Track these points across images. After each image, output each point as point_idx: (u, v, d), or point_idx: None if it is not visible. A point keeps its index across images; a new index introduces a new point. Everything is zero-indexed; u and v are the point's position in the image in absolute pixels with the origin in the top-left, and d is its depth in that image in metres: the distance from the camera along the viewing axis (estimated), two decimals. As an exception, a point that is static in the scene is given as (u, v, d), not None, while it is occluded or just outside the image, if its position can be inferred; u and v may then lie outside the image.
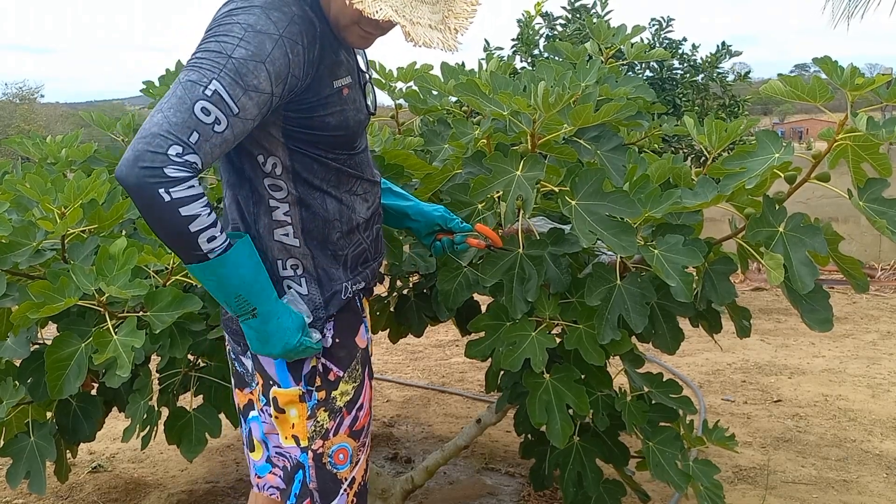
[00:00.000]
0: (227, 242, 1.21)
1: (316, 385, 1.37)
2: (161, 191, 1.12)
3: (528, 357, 1.73)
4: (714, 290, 1.76)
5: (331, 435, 1.39)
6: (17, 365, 1.84)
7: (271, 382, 1.38)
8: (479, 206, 1.79)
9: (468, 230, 1.69)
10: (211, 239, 1.18)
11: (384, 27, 1.32)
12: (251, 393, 1.47)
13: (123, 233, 2.00)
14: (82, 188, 1.72)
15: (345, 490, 1.41)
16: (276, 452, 1.44)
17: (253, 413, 1.49)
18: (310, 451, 1.39)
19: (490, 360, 1.86)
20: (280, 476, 1.45)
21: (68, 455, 2.08)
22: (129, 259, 1.62)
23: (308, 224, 1.34)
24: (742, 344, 4.52)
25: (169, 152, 1.12)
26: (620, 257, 1.76)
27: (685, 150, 5.86)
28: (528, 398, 1.81)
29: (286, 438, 1.41)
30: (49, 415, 1.92)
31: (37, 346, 1.88)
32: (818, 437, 3.20)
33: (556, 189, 1.74)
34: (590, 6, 6.31)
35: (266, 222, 1.34)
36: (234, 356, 1.48)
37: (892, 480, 2.78)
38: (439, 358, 4.58)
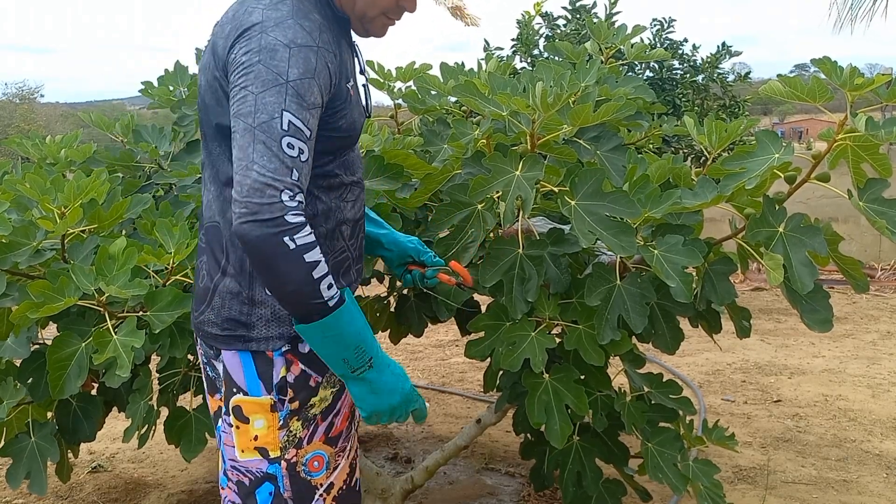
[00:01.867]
0: (339, 290, 1.21)
1: (289, 396, 1.30)
2: (286, 238, 1.13)
3: (528, 357, 1.73)
4: (714, 291, 1.76)
5: (304, 444, 1.33)
6: (18, 365, 1.84)
7: (235, 390, 1.31)
8: (479, 206, 1.79)
9: (440, 265, 1.65)
10: (330, 286, 1.18)
11: (409, 12, 1.37)
12: (221, 399, 1.39)
13: (123, 232, 2.00)
14: (82, 188, 1.72)
15: (320, 496, 1.35)
16: (232, 466, 1.37)
17: (220, 422, 1.42)
18: (282, 461, 1.32)
19: (489, 359, 1.86)
20: (235, 491, 1.37)
21: (69, 455, 2.08)
22: (129, 259, 1.62)
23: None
24: (742, 344, 4.52)
25: (283, 199, 1.13)
26: (620, 257, 1.76)
27: (685, 151, 5.86)
28: (528, 398, 1.81)
29: (244, 451, 1.33)
30: (49, 415, 1.92)
31: (37, 346, 1.88)
32: (818, 437, 3.20)
33: (556, 189, 1.74)
34: (589, 6, 6.31)
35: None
36: (205, 360, 1.42)
37: (892, 480, 2.78)
38: (439, 358, 4.58)
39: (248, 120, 1.15)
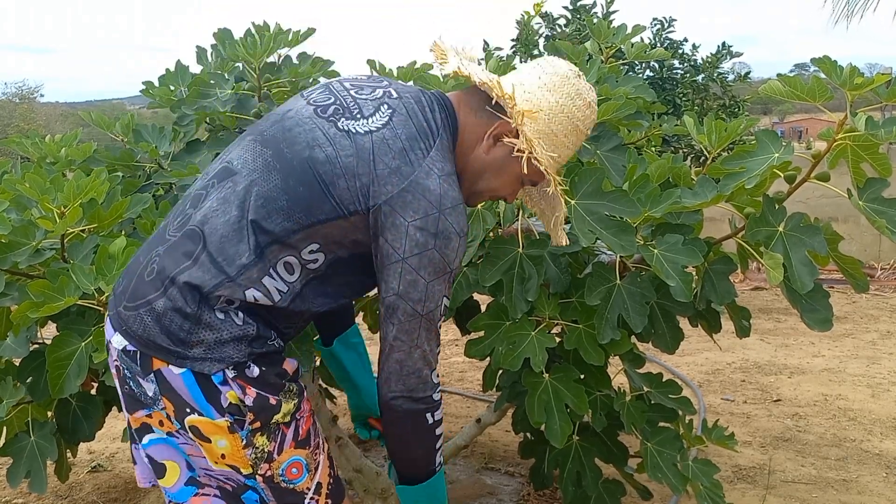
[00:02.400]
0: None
1: (249, 418, 1.24)
2: (429, 415, 1.30)
3: (528, 356, 1.73)
4: (714, 290, 1.76)
5: (275, 455, 1.27)
6: (17, 364, 1.84)
7: (188, 410, 1.23)
8: (479, 206, 1.79)
9: None
10: (440, 453, 1.35)
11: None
12: (149, 416, 1.28)
13: (123, 232, 2.00)
14: (82, 187, 1.71)
15: (311, 499, 1.31)
16: (206, 473, 1.30)
17: (152, 436, 1.30)
18: (257, 476, 1.27)
19: (489, 359, 1.86)
20: (217, 495, 1.31)
21: (69, 454, 2.08)
22: (129, 258, 1.62)
23: (284, 308, 1.27)
24: (742, 343, 4.53)
25: (433, 378, 1.30)
26: (620, 257, 1.76)
27: (685, 150, 5.86)
28: (528, 398, 1.81)
29: (216, 463, 1.27)
30: (49, 414, 1.92)
31: (36, 346, 1.88)
32: (818, 437, 3.20)
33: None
34: (590, 6, 6.31)
35: (253, 277, 1.23)
36: (128, 376, 1.27)
37: (892, 480, 2.78)
38: (439, 357, 4.58)
39: (416, 307, 1.25)
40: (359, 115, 1.28)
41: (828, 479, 2.79)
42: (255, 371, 1.24)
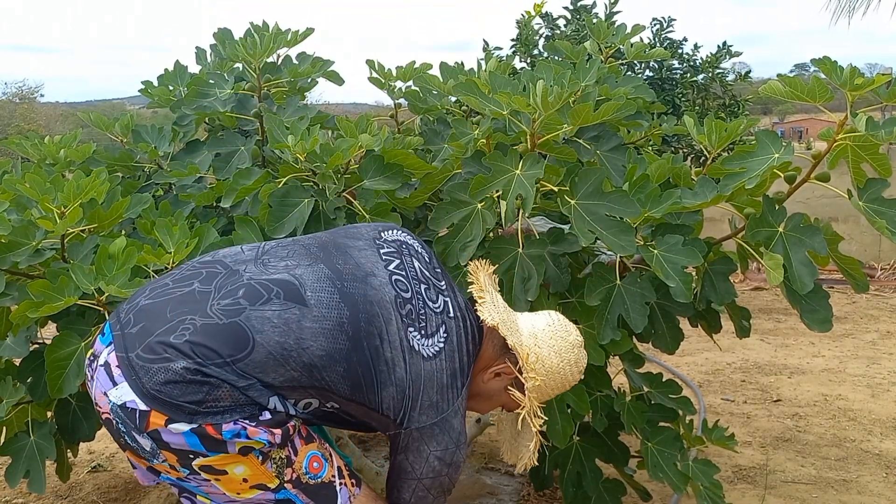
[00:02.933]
0: None
1: (275, 451, 1.30)
2: None
3: (528, 357, 1.73)
4: (713, 290, 1.76)
5: (294, 457, 1.32)
6: (17, 364, 1.84)
7: (192, 455, 1.24)
8: (479, 205, 1.79)
9: None
10: None
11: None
12: (153, 465, 1.29)
13: (123, 232, 2.00)
14: (82, 188, 1.71)
15: (340, 484, 1.38)
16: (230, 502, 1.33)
17: (166, 475, 1.31)
18: (287, 485, 1.31)
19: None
20: None
21: (69, 454, 2.08)
22: (129, 258, 1.62)
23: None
24: (742, 344, 4.52)
25: None
26: (620, 257, 1.76)
27: (685, 150, 5.86)
28: (528, 398, 1.81)
29: (240, 493, 1.29)
30: (49, 414, 1.92)
31: (36, 346, 1.88)
32: (818, 437, 3.20)
33: (556, 189, 1.74)
34: (590, 6, 6.30)
35: (274, 392, 1.29)
36: (123, 430, 1.26)
37: (892, 480, 2.78)
38: None
39: (431, 488, 1.43)
40: (424, 332, 1.40)
41: (828, 479, 2.79)
42: (268, 415, 1.28)
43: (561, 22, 6.43)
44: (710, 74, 6.31)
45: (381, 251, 1.46)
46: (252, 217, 1.85)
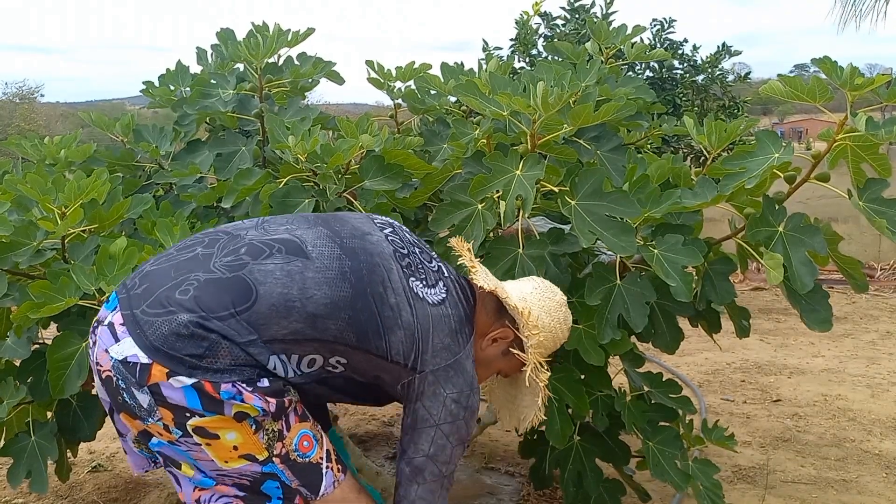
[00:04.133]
0: None
1: (269, 420, 1.30)
2: None
3: (528, 357, 1.73)
4: (713, 290, 1.76)
5: (286, 432, 1.32)
6: (18, 365, 1.84)
7: (188, 414, 1.25)
8: (479, 205, 1.79)
9: None
10: None
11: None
12: (147, 425, 1.29)
13: (123, 232, 2.00)
14: (83, 188, 1.72)
15: (327, 467, 1.37)
16: (219, 475, 1.32)
17: (158, 439, 1.30)
18: (274, 458, 1.31)
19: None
20: (236, 493, 1.33)
21: (69, 454, 2.08)
22: (129, 258, 1.63)
23: (297, 388, 1.36)
24: (742, 344, 4.53)
25: None
26: (620, 257, 1.76)
27: (685, 151, 5.86)
28: (528, 398, 1.81)
29: (227, 462, 1.29)
30: (49, 414, 1.92)
31: (37, 346, 1.88)
32: (818, 437, 3.20)
33: (556, 189, 1.74)
34: (588, 6, 6.31)
35: (276, 349, 1.29)
36: (122, 386, 1.27)
37: (892, 480, 2.79)
38: None
39: (442, 468, 1.43)
40: (425, 282, 1.44)
41: (827, 479, 2.79)
42: (266, 382, 1.28)
43: (559, 21, 6.43)
44: (709, 75, 6.31)
45: (375, 221, 1.52)
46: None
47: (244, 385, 1.25)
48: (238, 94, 2.20)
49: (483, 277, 1.49)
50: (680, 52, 6.38)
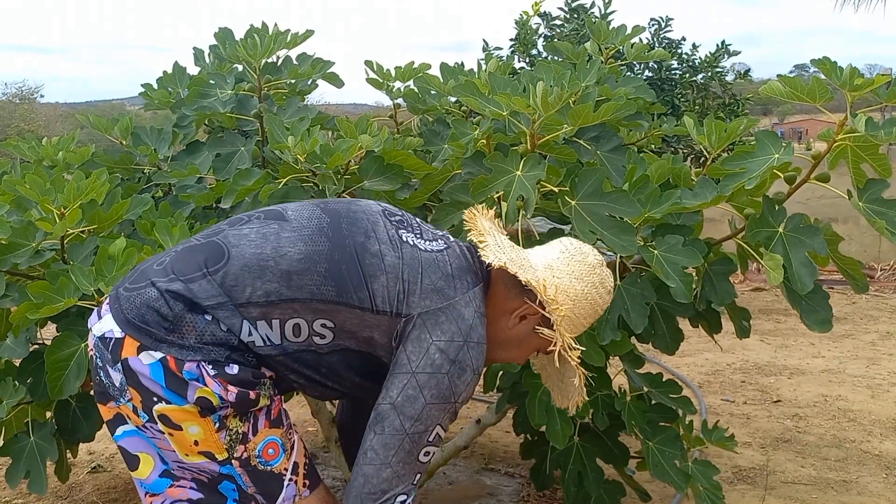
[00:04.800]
0: None
1: (229, 412, 1.24)
2: None
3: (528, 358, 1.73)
4: (713, 291, 1.76)
5: (251, 436, 1.26)
6: (17, 365, 1.84)
7: (156, 399, 1.21)
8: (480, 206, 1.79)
9: None
10: None
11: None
12: (119, 407, 1.27)
13: (122, 233, 2.00)
14: (82, 189, 1.71)
15: (290, 479, 1.30)
16: (178, 466, 1.27)
17: (125, 427, 1.28)
18: (233, 461, 1.25)
19: (490, 360, 1.85)
20: (192, 487, 1.28)
21: (69, 455, 2.08)
22: (129, 259, 1.62)
23: (262, 354, 1.27)
24: (742, 344, 4.52)
25: (397, 502, 1.26)
26: (620, 257, 1.76)
27: (685, 151, 5.86)
28: (528, 399, 1.81)
29: (187, 455, 1.24)
30: (49, 415, 1.92)
31: (36, 347, 1.88)
32: (818, 438, 3.20)
33: (556, 189, 1.74)
34: (588, 6, 6.31)
35: (253, 315, 1.23)
36: (99, 365, 1.27)
37: (892, 481, 2.78)
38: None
39: (405, 423, 1.24)
40: (419, 235, 1.35)
41: (827, 479, 2.79)
42: (235, 368, 1.23)
43: (558, 22, 6.43)
44: (708, 74, 6.31)
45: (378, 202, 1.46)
46: (252, 218, 1.85)
47: (209, 367, 1.21)
48: (237, 94, 2.20)
49: (493, 252, 1.33)
50: (679, 51, 6.38)
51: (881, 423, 3.35)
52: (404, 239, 1.32)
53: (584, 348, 1.40)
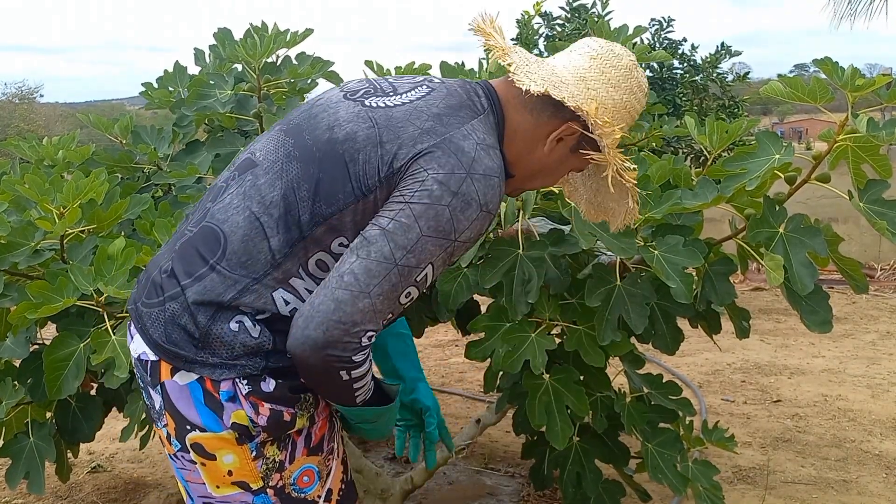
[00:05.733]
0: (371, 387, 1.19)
1: (262, 437, 1.17)
2: (343, 372, 1.10)
3: (528, 359, 1.73)
4: (714, 291, 1.75)
5: (287, 465, 1.20)
6: (17, 365, 1.84)
7: (189, 427, 1.16)
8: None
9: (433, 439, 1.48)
10: (365, 393, 1.18)
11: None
12: (157, 430, 1.23)
13: (122, 233, 2.00)
14: (81, 188, 1.71)
15: None
16: (204, 503, 1.22)
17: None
18: (268, 489, 1.19)
19: (489, 360, 1.85)
20: None
21: (69, 455, 2.08)
22: (128, 259, 1.62)
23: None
24: (742, 344, 4.52)
25: (363, 341, 1.09)
26: (620, 258, 1.76)
27: (685, 151, 5.86)
28: (528, 400, 1.81)
29: (219, 487, 1.18)
30: (48, 415, 1.92)
31: (36, 347, 1.88)
32: (818, 438, 3.20)
33: (556, 189, 1.74)
34: (589, 6, 6.31)
35: (279, 278, 1.15)
36: (142, 385, 1.23)
37: (892, 480, 2.78)
38: (439, 358, 4.58)
39: (396, 252, 1.09)
40: (391, 93, 1.20)
41: (828, 479, 2.79)
42: (272, 384, 1.16)
43: (560, 21, 6.43)
44: (708, 75, 6.31)
45: (342, 86, 1.30)
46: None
47: (243, 383, 1.14)
48: (236, 94, 2.20)
49: (526, 77, 1.17)
50: (679, 51, 6.38)
51: (881, 423, 3.35)
52: (374, 105, 1.18)
53: (637, 166, 1.28)
